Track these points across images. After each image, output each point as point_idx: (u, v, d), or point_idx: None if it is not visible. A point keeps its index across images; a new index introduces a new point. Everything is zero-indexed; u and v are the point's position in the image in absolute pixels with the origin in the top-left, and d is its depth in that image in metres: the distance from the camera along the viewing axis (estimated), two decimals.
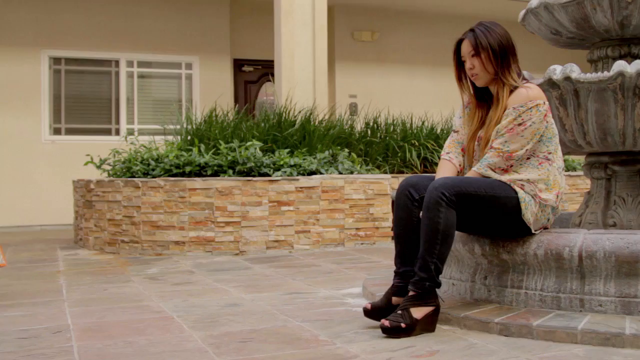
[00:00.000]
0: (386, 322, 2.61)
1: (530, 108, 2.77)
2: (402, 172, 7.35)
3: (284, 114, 6.78)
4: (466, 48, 2.92)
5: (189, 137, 6.43)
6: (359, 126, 7.64)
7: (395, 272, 2.91)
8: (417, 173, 7.45)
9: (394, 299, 2.82)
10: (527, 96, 2.79)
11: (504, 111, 2.84)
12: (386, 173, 6.94)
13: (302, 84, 7.84)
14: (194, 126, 6.49)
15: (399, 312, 2.65)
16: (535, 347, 2.42)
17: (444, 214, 2.62)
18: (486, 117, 3.00)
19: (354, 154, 6.67)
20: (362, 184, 6.23)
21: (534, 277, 2.81)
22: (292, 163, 6.03)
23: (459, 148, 3.07)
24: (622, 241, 2.62)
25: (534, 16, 3.56)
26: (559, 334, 2.47)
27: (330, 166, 6.26)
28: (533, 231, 2.82)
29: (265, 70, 10.36)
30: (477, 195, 2.69)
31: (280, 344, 2.56)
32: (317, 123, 6.96)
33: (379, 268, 4.64)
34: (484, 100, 3.02)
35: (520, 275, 2.85)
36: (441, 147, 7.57)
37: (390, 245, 6.26)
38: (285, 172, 5.93)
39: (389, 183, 6.41)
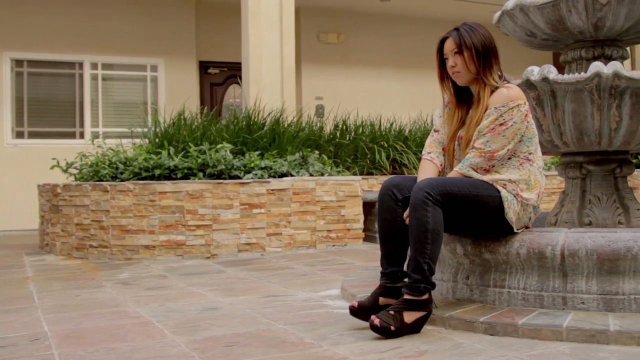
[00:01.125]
0: (376, 320, 2.60)
1: (512, 108, 2.79)
2: (372, 174, 7.37)
3: (253, 116, 6.74)
4: (449, 46, 2.93)
5: (157, 140, 6.34)
6: (327, 128, 7.64)
7: (381, 272, 2.90)
8: (386, 175, 7.48)
9: (381, 299, 2.82)
10: (508, 96, 2.81)
11: (485, 111, 2.85)
12: (356, 175, 6.95)
13: (270, 86, 7.80)
14: (163, 129, 6.41)
15: (391, 312, 2.63)
16: (522, 345, 2.44)
17: (432, 212, 2.62)
18: (466, 117, 3.01)
19: (324, 156, 6.66)
20: (333, 185, 6.22)
21: (517, 276, 2.84)
22: (262, 165, 6.00)
23: (439, 147, 3.08)
24: (604, 239, 2.65)
25: (510, 18, 3.59)
26: (544, 332, 2.49)
27: (301, 168, 6.25)
28: (515, 230, 2.84)
29: (231, 72, 10.30)
30: (461, 195, 2.70)
31: (266, 348, 2.54)
32: (286, 125, 6.94)
33: (353, 270, 4.64)
34: (463, 101, 3.04)
35: (503, 274, 2.87)
36: (410, 148, 7.62)
37: (362, 246, 6.27)
38: (256, 174, 5.89)
39: (360, 185, 6.41)
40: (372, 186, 7.26)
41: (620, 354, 2.29)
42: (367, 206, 6.69)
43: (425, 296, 2.68)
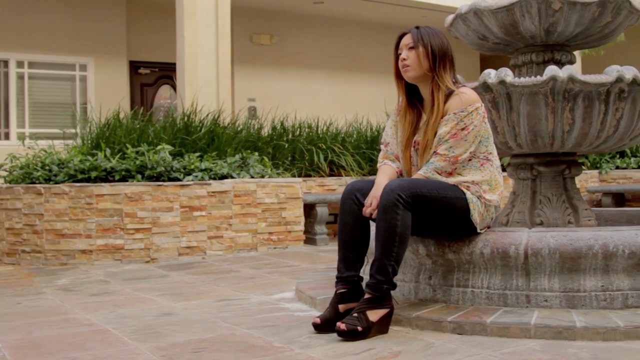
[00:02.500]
0: (342, 326, 2.58)
1: (471, 112, 2.82)
2: (310, 176, 7.37)
3: (191, 117, 6.62)
4: (406, 40, 2.93)
5: (92, 141, 6.13)
6: (265, 129, 7.59)
7: (338, 277, 2.87)
8: (324, 176, 7.50)
9: (341, 307, 2.78)
10: (466, 100, 2.83)
11: (442, 117, 2.86)
12: (294, 176, 6.92)
13: (206, 86, 7.69)
14: (97, 129, 6.20)
15: (355, 314, 2.62)
16: (492, 343, 2.47)
17: (401, 216, 2.62)
18: (418, 122, 3.01)
19: (265, 158, 6.61)
20: (274, 187, 6.18)
21: (480, 276, 2.87)
22: (203, 167, 5.90)
23: (391, 157, 3.09)
24: (565, 238, 2.72)
25: (463, 21, 3.65)
26: (512, 329, 2.53)
27: (242, 170, 6.17)
28: (479, 230, 2.88)
29: (162, 73, 10.10)
30: (431, 197, 2.71)
31: (236, 353, 2.48)
32: (224, 126, 6.85)
33: (301, 272, 4.61)
34: (414, 105, 3.04)
35: (466, 274, 2.91)
36: (347, 150, 7.67)
37: (303, 249, 6.26)
38: (196, 176, 5.79)
39: (301, 186, 6.39)
40: (310, 188, 7.26)
41: (589, 349, 2.35)
42: (306, 208, 6.68)
43: (387, 294, 2.68)
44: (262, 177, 6.22)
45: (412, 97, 3.01)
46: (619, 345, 2.40)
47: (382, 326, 2.65)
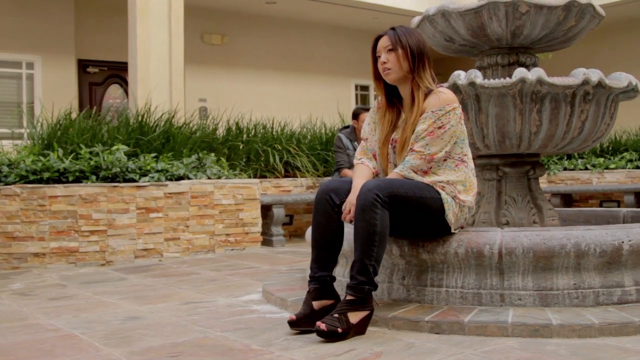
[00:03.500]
0: (322, 325, 2.56)
1: (448, 111, 2.84)
2: (265, 177, 7.33)
3: (145, 117, 6.50)
4: (383, 43, 2.94)
5: (43, 141, 5.96)
6: (220, 130, 7.51)
7: (311, 276, 2.86)
8: (279, 177, 7.47)
9: (315, 304, 2.78)
10: (444, 99, 2.85)
11: (421, 114, 2.88)
12: (250, 177, 6.87)
13: (159, 86, 7.57)
14: (49, 129, 6.03)
15: (336, 315, 2.60)
16: (472, 342, 2.49)
17: (380, 215, 2.62)
18: (397, 120, 3.04)
19: (223, 159, 6.54)
20: (232, 188, 6.12)
21: (454, 275, 2.89)
22: (159, 168, 5.79)
23: (369, 154, 3.11)
24: (539, 237, 2.76)
25: (430, 23, 3.67)
26: (490, 328, 2.55)
27: (198, 171, 6.09)
28: (453, 231, 2.90)
29: (111, 72, 9.89)
30: (407, 197, 2.71)
31: (214, 356, 2.43)
32: (178, 127, 6.75)
33: (262, 274, 4.58)
34: (393, 104, 3.06)
35: (440, 274, 2.92)
36: (303, 151, 7.65)
37: (261, 250, 6.22)
38: (152, 177, 5.68)
39: (258, 188, 6.35)
40: (265, 189, 7.22)
41: (567, 346, 2.39)
42: (263, 209, 6.63)
43: (369, 296, 2.68)
44: (219, 178, 6.15)
45: (392, 96, 3.02)
46: (595, 341, 2.44)
47: (361, 327, 2.65)
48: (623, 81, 3.34)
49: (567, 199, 8.67)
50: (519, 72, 3.15)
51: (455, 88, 3.24)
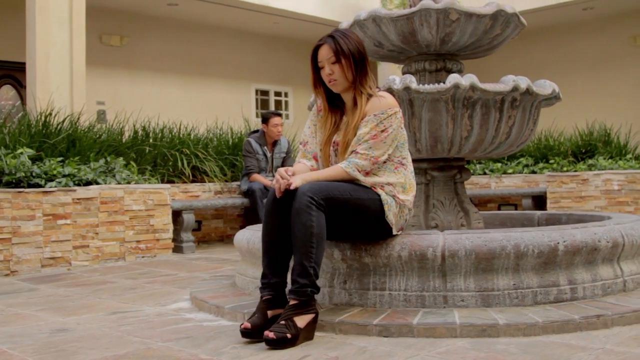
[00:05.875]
0: (271, 334, 2.51)
1: (390, 115, 2.87)
2: (173, 182, 7.16)
3: (48, 120, 6.19)
4: (326, 54, 2.92)
5: None
6: (126, 134, 7.27)
7: (264, 283, 2.79)
8: (187, 182, 7.31)
9: (269, 313, 2.72)
10: (386, 104, 2.88)
11: (362, 118, 2.90)
12: (158, 182, 6.68)
13: (60, 88, 7.23)
14: None
15: (282, 322, 2.56)
16: (424, 344, 2.51)
17: (316, 217, 2.61)
18: (339, 122, 3.04)
19: (133, 163, 6.32)
20: (142, 194, 5.94)
21: (397, 278, 2.91)
22: (66, 173, 5.53)
23: (309, 155, 3.11)
24: (480, 239, 2.83)
25: (360, 28, 3.70)
26: (439, 329, 2.58)
27: (107, 176, 5.87)
28: (394, 232, 2.92)
29: (3, 72, 9.35)
30: (343, 199, 2.72)
31: None
32: (82, 130, 6.48)
33: (182, 281, 4.47)
34: (336, 106, 3.06)
35: (383, 277, 2.94)
36: (211, 155, 7.53)
37: (172, 257, 6.06)
38: (60, 182, 5.41)
39: (169, 193, 6.18)
40: (174, 194, 7.04)
41: (516, 344, 2.46)
42: (172, 215, 6.47)
43: (312, 299, 2.66)
44: (129, 183, 5.95)
45: (333, 100, 3.02)
46: (540, 339, 2.53)
47: (308, 332, 2.62)
48: (548, 88, 3.48)
49: None
50: (453, 78, 3.22)
51: (390, 92, 3.27)
